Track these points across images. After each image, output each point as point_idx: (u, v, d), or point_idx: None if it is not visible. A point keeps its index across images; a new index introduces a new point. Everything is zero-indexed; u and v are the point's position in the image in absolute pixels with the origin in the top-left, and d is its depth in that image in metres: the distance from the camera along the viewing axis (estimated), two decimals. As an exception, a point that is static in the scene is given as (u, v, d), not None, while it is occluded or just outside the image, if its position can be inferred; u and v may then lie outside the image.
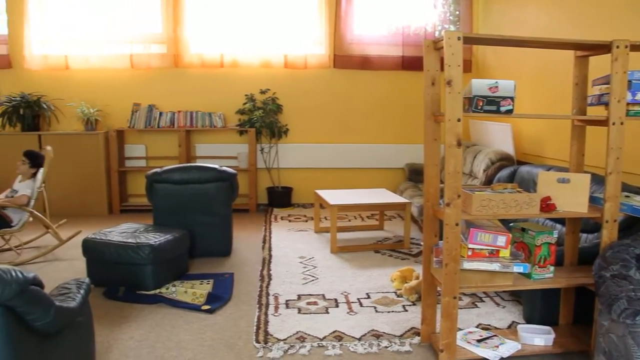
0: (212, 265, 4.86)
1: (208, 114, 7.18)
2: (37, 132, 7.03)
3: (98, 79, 7.34)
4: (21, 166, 5.28)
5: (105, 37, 7.24)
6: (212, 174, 5.05)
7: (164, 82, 7.33)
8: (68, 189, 6.91)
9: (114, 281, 4.20)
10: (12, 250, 5.27)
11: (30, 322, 2.10)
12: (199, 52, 7.24)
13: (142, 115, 7.18)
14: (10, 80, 7.35)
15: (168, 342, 3.31)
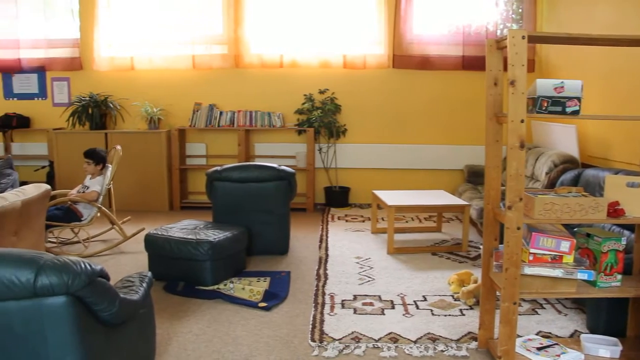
0: (269, 263, 4.92)
1: (267, 113, 7.28)
2: (104, 131, 7.33)
3: (161, 79, 7.56)
4: (87, 167, 5.51)
5: (168, 39, 7.47)
6: (270, 173, 5.12)
7: (225, 82, 7.48)
8: (131, 186, 7.15)
9: (174, 276, 4.32)
10: (81, 243, 5.51)
11: (97, 313, 2.18)
12: (259, 52, 7.34)
13: (203, 115, 7.34)
14: (80, 81, 7.70)
15: (225, 337, 3.38)
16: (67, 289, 2.00)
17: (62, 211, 5.26)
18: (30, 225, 4.16)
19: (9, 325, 2.03)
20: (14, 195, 3.95)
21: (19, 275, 1.95)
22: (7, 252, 2.05)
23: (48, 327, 2.03)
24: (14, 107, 7.90)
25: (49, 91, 7.88)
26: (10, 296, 1.98)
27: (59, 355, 2.07)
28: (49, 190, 4.40)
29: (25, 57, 7.75)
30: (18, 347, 2.06)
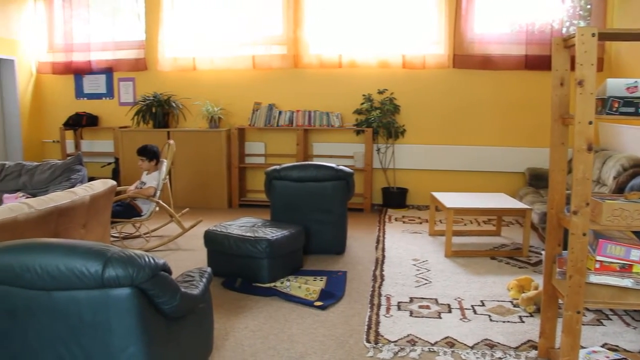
0: (325, 262, 4.93)
1: (326, 113, 7.30)
2: (167, 129, 7.55)
3: (222, 79, 7.72)
4: (142, 164, 5.69)
5: (229, 40, 7.61)
6: (329, 173, 5.13)
7: (284, 82, 7.56)
8: (192, 183, 7.34)
9: (232, 272, 4.40)
10: (142, 237, 5.70)
11: (159, 305, 2.25)
12: (318, 52, 7.38)
13: (262, 114, 7.45)
14: (145, 81, 7.97)
15: (281, 335, 3.41)
16: (132, 281, 2.07)
17: (122, 207, 5.45)
18: (97, 219, 4.33)
19: (79, 313, 2.12)
20: (83, 190, 4.12)
21: (89, 266, 2.04)
22: (78, 244, 2.14)
23: (114, 316, 2.12)
24: (84, 106, 8.26)
25: (115, 91, 8.19)
26: (80, 286, 2.07)
27: (123, 344, 2.15)
28: (115, 185, 4.57)
29: (95, 59, 8.10)
30: (87, 335, 2.15)
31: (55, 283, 2.08)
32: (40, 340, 2.20)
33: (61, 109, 8.32)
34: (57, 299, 2.12)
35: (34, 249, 2.13)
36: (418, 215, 6.92)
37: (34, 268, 2.08)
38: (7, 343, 2.27)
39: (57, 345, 2.18)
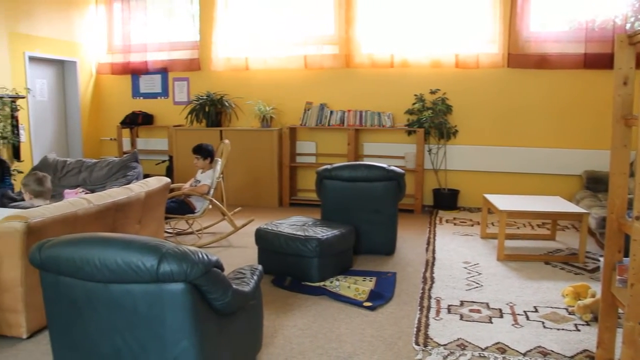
0: (375, 263, 4.91)
1: (377, 113, 7.27)
2: (219, 128, 7.68)
3: (274, 79, 7.79)
4: (197, 162, 5.80)
5: (281, 39, 7.68)
6: (380, 173, 5.11)
7: (335, 81, 7.57)
8: (243, 181, 7.44)
9: (282, 270, 4.43)
10: (194, 234, 5.81)
11: (211, 301, 2.29)
12: (370, 52, 7.35)
13: (313, 114, 7.48)
14: (198, 81, 8.14)
15: (329, 334, 3.41)
16: (185, 277, 2.12)
17: (177, 204, 5.58)
18: (152, 215, 4.45)
19: (134, 306, 2.19)
20: (139, 187, 4.24)
21: (144, 261, 2.09)
22: (135, 239, 2.21)
23: (167, 311, 2.17)
24: (140, 105, 8.51)
25: (170, 90, 8.39)
26: (136, 279, 2.13)
27: (175, 338, 2.20)
28: (169, 183, 4.69)
29: (151, 59, 8.32)
30: (141, 327, 2.21)
31: (113, 276, 2.15)
32: (99, 330, 2.28)
33: (118, 108, 8.60)
34: (114, 291, 2.19)
35: (93, 243, 2.21)
36: (469, 217, 6.80)
37: (94, 261, 2.15)
38: (69, 331, 2.36)
39: (114, 335, 2.26)
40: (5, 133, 6.68)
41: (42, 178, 3.85)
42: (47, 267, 2.31)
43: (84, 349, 2.34)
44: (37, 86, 7.77)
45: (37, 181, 3.81)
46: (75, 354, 2.38)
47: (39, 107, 7.85)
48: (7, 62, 7.06)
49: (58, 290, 2.32)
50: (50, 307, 2.40)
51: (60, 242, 2.29)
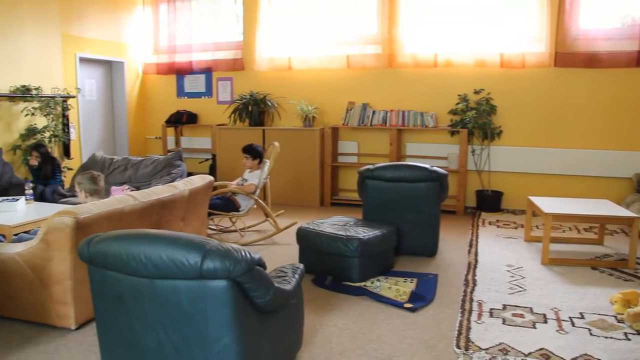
0: (416, 264, 4.87)
1: (420, 113, 7.20)
2: (262, 127, 7.75)
3: (317, 79, 7.82)
4: (246, 161, 5.87)
5: (324, 39, 7.69)
6: (422, 174, 5.06)
7: (378, 81, 7.53)
8: (285, 180, 7.48)
9: (323, 270, 4.44)
10: (237, 232, 5.88)
11: (253, 299, 2.31)
12: (413, 52, 7.28)
13: (356, 114, 7.46)
14: (242, 81, 8.24)
15: (369, 335, 3.40)
16: (228, 274, 2.14)
17: (222, 201, 5.66)
18: (195, 212, 4.52)
19: (178, 302, 2.23)
20: (183, 185, 4.32)
21: (189, 257, 2.13)
22: (180, 236, 2.25)
23: (210, 307, 2.20)
24: (185, 104, 8.67)
25: (214, 90, 8.52)
26: (180, 275, 2.17)
27: (217, 335, 2.23)
28: (212, 181, 4.76)
29: (196, 59, 8.46)
30: (184, 323, 2.26)
31: (158, 272, 2.20)
32: (143, 324, 2.33)
33: (163, 107, 8.78)
34: (158, 286, 2.24)
35: (140, 239, 2.26)
36: (513, 219, 6.67)
37: (139, 257, 2.20)
38: (115, 324, 2.43)
39: (158, 330, 2.30)
40: (57, 131, 6.90)
41: (96, 177, 3.96)
42: (95, 262, 2.38)
43: (129, 342, 2.40)
44: (87, 86, 8.01)
45: (91, 180, 3.92)
46: (121, 346, 2.44)
47: (88, 106, 8.08)
48: (60, 63, 7.30)
49: (105, 284, 2.39)
50: (98, 300, 2.47)
51: (107, 238, 2.35)
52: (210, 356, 2.25)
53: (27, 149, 6.57)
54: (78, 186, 3.92)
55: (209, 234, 5.71)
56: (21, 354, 3.22)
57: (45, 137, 6.80)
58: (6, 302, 3.65)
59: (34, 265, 3.43)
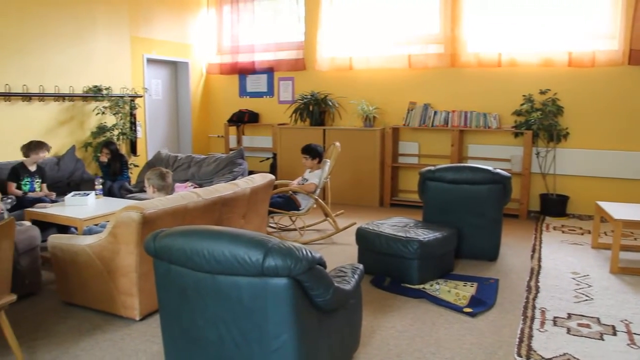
0: (477, 268, 4.77)
1: (483, 114, 7.05)
2: (323, 127, 7.78)
3: (378, 79, 7.78)
4: (306, 161, 5.91)
5: (385, 39, 7.65)
6: (485, 176, 4.95)
7: (440, 81, 7.42)
8: (345, 180, 7.48)
9: (382, 271, 4.42)
10: (297, 230, 5.93)
11: (313, 298, 2.33)
12: (476, 51, 7.13)
13: (417, 114, 7.38)
14: (303, 81, 8.30)
15: (427, 338, 3.36)
16: (289, 272, 2.16)
17: (283, 199, 5.72)
18: (255, 210, 4.59)
19: (239, 298, 2.27)
20: (245, 183, 4.40)
21: (251, 254, 2.17)
22: (242, 233, 2.29)
23: (270, 304, 2.23)
24: (246, 104, 8.81)
25: (275, 90, 8.62)
26: (242, 272, 2.21)
27: (277, 331, 2.26)
28: (273, 180, 4.82)
29: (258, 59, 8.59)
30: (245, 318, 2.29)
31: (220, 268, 2.24)
32: (205, 318, 2.39)
33: (226, 106, 8.96)
34: (220, 282, 2.29)
35: (203, 235, 2.32)
36: (579, 225, 6.43)
37: (203, 252, 2.26)
38: (178, 317, 2.50)
39: (219, 324, 2.35)
40: (125, 129, 7.16)
41: (165, 173, 4.08)
42: (160, 256, 2.45)
43: (190, 335, 2.46)
44: (153, 86, 8.27)
45: (160, 176, 4.04)
46: (183, 339, 2.51)
47: (154, 105, 8.34)
48: (128, 64, 7.57)
49: (169, 278, 2.46)
50: (162, 293, 2.55)
51: (172, 233, 2.42)
52: (269, 353, 2.28)
53: (98, 146, 6.85)
54: (147, 181, 4.05)
55: (269, 231, 5.79)
56: (90, 340, 3.39)
57: (114, 135, 7.07)
58: (78, 291, 3.83)
59: (102, 257, 3.57)
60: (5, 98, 5.99)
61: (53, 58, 6.50)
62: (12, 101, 6.08)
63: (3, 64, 5.94)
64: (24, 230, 4.04)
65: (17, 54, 6.09)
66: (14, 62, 6.06)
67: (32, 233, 4.09)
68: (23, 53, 6.15)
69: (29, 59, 6.22)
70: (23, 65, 6.15)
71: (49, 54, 6.45)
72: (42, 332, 3.50)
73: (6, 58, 5.98)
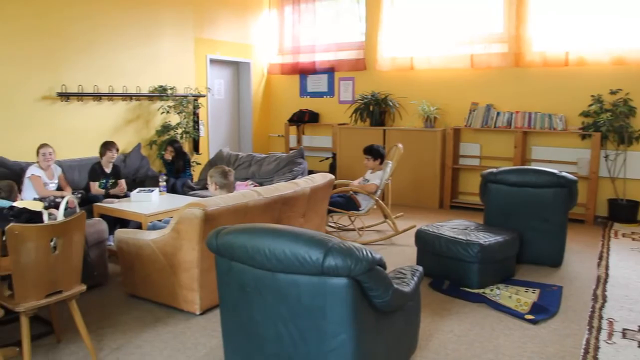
0: (539, 273, 4.63)
1: (548, 115, 6.82)
2: (382, 127, 7.75)
3: (439, 79, 7.67)
4: (367, 162, 5.89)
5: (447, 38, 7.53)
6: (550, 179, 4.79)
7: (503, 81, 7.24)
8: (405, 181, 7.42)
9: (440, 273, 4.36)
10: (356, 231, 5.93)
11: (372, 299, 2.32)
12: (542, 50, 6.90)
13: (479, 115, 7.23)
14: (363, 81, 8.29)
15: (487, 344, 3.29)
16: (349, 272, 2.16)
17: (344, 199, 5.73)
18: (315, 209, 4.62)
19: (298, 296, 2.29)
20: (305, 182, 4.43)
21: (311, 253, 2.18)
22: (302, 232, 2.31)
23: (329, 303, 2.24)
24: (307, 104, 8.88)
25: (336, 90, 8.64)
26: (301, 271, 2.23)
27: (335, 331, 2.26)
28: (333, 179, 4.83)
29: (319, 60, 8.64)
30: (303, 317, 2.31)
31: (280, 266, 2.27)
32: (264, 315, 2.42)
33: (286, 106, 9.06)
34: (280, 280, 2.31)
35: (264, 234, 2.35)
36: (652, 232, 6.14)
37: (264, 250, 2.29)
38: (238, 313, 2.54)
39: (277, 322, 2.38)
40: (188, 128, 7.35)
41: (227, 172, 4.16)
42: (222, 253, 2.50)
43: (249, 331, 2.50)
44: (215, 86, 8.45)
45: (222, 174, 4.12)
46: (241, 334, 2.55)
47: (216, 105, 8.53)
48: (192, 65, 7.78)
49: (230, 275, 2.51)
50: (223, 289, 2.60)
51: (234, 230, 2.47)
52: (327, 352, 2.29)
53: (162, 144, 7.07)
54: (210, 179, 4.14)
55: (328, 231, 5.81)
56: (152, 332, 3.52)
57: (178, 134, 7.27)
58: (141, 284, 3.96)
59: (165, 252, 3.68)
60: (78, 98, 6.27)
61: (122, 60, 6.75)
62: (84, 101, 6.36)
63: (76, 66, 6.23)
64: (93, 224, 4.22)
65: (89, 56, 6.37)
66: (86, 64, 6.34)
67: (100, 227, 4.27)
68: (94, 55, 6.42)
69: (100, 60, 6.50)
70: (94, 66, 6.43)
71: (118, 55, 6.71)
72: (108, 322, 3.65)
73: (79, 60, 6.26)
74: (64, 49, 6.11)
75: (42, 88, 5.94)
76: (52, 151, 5.39)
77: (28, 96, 5.82)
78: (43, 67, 5.92)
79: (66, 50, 6.13)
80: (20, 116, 5.76)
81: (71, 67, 6.18)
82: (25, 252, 2.72)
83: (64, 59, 6.11)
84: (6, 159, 5.45)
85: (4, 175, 5.10)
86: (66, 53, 6.13)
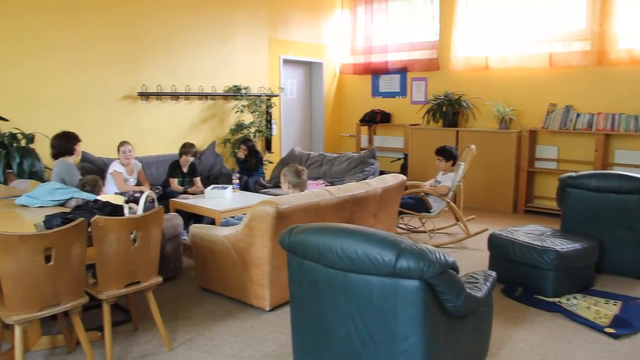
0: (621, 285, 4.39)
1: (634, 116, 6.46)
2: (455, 128, 7.60)
3: (515, 79, 7.43)
4: (439, 163, 5.80)
5: (524, 37, 7.28)
6: (635, 184, 4.52)
7: (584, 81, 6.92)
8: (478, 184, 7.25)
9: (513, 280, 4.23)
10: (426, 233, 5.85)
11: (443, 302, 2.28)
12: (629, 47, 6.52)
13: (557, 116, 6.96)
14: (436, 81, 8.16)
15: (562, 356, 3.16)
16: (421, 275, 2.14)
17: (414, 201, 5.67)
18: (386, 210, 4.59)
19: (369, 296, 2.28)
20: (376, 182, 4.42)
21: (383, 254, 2.17)
22: (374, 233, 2.30)
23: (400, 305, 2.22)
24: (379, 104, 8.84)
25: (408, 90, 8.56)
26: (373, 271, 2.22)
27: (405, 333, 2.24)
28: (405, 180, 4.79)
29: (391, 59, 8.58)
30: (374, 317, 2.31)
31: (352, 266, 2.27)
32: (334, 313, 2.43)
33: (358, 106, 9.05)
34: (352, 280, 2.31)
35: (336, 233, 2.36)
36: None
37: (336, 250, 2.30)
38: (308, 310, 2.57)
39: (347, 321, 2.39)
40: (261, 127, 7.49)
41: (300, 171, 4.20)
42: (294, 250, 2.53)
43: (319, 329, 2.52)
44: (288, 86, 8.56)
45: (296, 173, 4.17)
46: (311, 331, 2.57)
47: (289, 104, 8.64)
48: (266, 65, 7.92)
49: (302, 272, 2.53)
50: (294, 287, 2.63)
51: (307, 229, 2.49)
52: (396, 354, 2.27)
53: (236, 143, 7.23)
54: (283, 177, 4.20)
55: (398, 232, 5.76)
56: (224, 325, 3.61)
57: (251, 132, 7.42)
58: (214, 278, 4.07)
59: (238, 248, 3.76)
60: (157, 97, 6.53)
61: (198, 60, 6.97)
62: (162, 100, 6.62)
63: (155, 67, 6.49)
64: (169, 218, 4.38)
65: (167, 57, 6.62)
66: (165, 65, 6.60)
67: (176, 221, 4.42)
68: (172, 56, 6.67)
69: (177, 61, 6.74)
70: (172, 67, 6.68)
71: (195, 56, 6.93)
72: (181, 313, 3.78)
73: (158, 61, 6.53)
74: (146, 52, 6.42)
75: (125, 88, 6.25)
76: (132, 148, 5.63)
77: (112, 96, 6.15)
78: (126, 69, 6.24)
79: (147, 53, 6.43)
80: (104, 114, 6.08)
81: (151, 68, 6.46)
82: (108, 243, 2.86)
83: (145, 61, 6.41)
84: (91, 154, 5.76)
85: (89, 170, 5.38)
86: (147, 55, 6.42)
